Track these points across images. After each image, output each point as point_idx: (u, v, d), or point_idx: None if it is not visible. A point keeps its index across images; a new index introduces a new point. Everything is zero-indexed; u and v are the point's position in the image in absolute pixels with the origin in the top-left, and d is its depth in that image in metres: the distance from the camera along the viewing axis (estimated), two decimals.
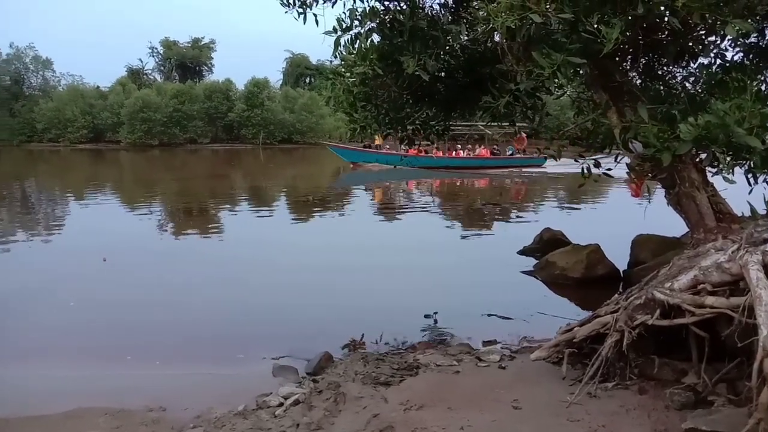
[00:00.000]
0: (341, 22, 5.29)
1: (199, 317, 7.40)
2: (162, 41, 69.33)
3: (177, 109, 56.44)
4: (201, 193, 22.10)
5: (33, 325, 6.99)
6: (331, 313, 7.52)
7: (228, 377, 5.40)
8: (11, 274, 9.57)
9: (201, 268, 10.07)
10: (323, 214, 16.85)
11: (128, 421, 4.25)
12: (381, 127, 7.06)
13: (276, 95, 62.43)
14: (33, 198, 21.48)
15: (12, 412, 4.49)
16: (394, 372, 4.99)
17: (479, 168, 30.45)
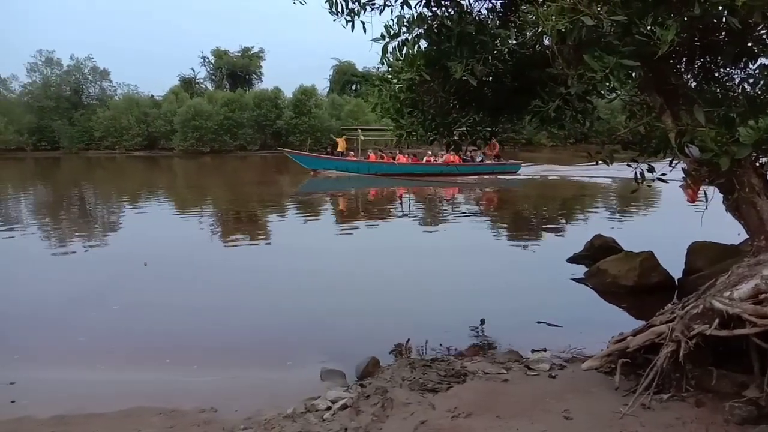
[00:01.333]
0: (389, 29, 5.31)
1: (246, 322, 7.55)
2: (213, 51, 71.17)
3: (227, 117, 57.77)
4: (249, 199, 22.51)
5: (83, 326, 7.27)
6: (377, 318, 7.56)
7: (276, 381, 5.47)
8: (67, 277, 10.05)
9: (247, 273, 10.24)
10: (368, 221, 16.92)
11: (181, 421, 4.35)
12: (427, 132, 7.06)
13: (323, 102, 63.27)
14: (90, 203, 22.31)
15: (69, 410, 4.66)
16: (442, 378, 4.96)
17: (447, 175, 28.55)
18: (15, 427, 4.33)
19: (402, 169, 28.70)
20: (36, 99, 59.23)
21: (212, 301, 8.52)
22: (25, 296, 8.70)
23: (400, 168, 28.83)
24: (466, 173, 28.69)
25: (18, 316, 7.69)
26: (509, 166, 29.11)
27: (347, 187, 26.04)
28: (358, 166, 29.14)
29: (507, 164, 29.16)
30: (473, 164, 29.00)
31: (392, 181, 27.11)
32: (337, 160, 30.04)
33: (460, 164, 28.64)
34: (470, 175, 28.52)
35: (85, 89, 62.60)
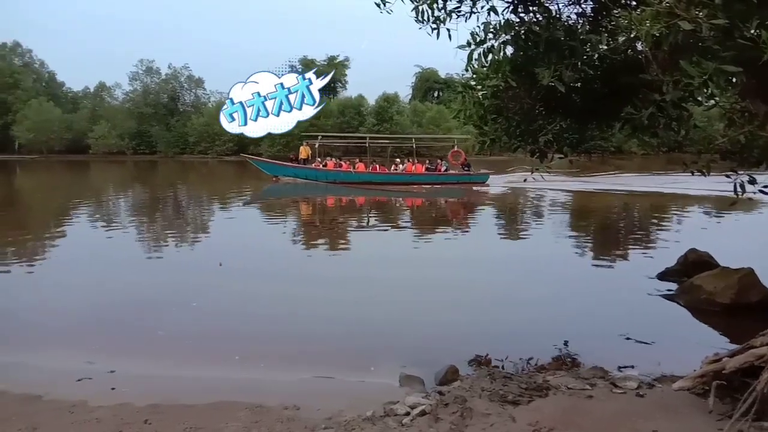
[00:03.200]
0: (475, 36, 5.29)
1: (321, 326, 7.66)
2: (301, 60, 73.29)
3: (312, 124, 59.11)
4: (329, 205, 22.98)
5: (167, 322, 7.67)
6: (455, 327, 7.50)
7: (356, 384, 5.55)
8: (155, 274, 10.72)
9: (324, 279, 10.41)
10: (446, 229, 16.86)
11: (266, 417, 4.50)
12: (511, 139, 6.95)
13: (405, 109, 63.74)
14: (184, 205, 23.50)
15: (162, 400, 4.93)
16: (523, 391, 4.87)
17: (409, 184, 28.00)
18: (116, 412, 4.63)
19: (360, 178, 28.43)
20: (136, 105, 63.22)
21: (290, 303, 8.74)
22: (117, 291, 9.27)
23: (358, 177, 28.54)
24: (428, 183, 28.26)
25: (109, 310, 8.21)
26: (476, 176, 28.52)
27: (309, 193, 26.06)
28: (316, 173, 29.08)
29: (473, 174, 28.64)
30: (437, 174, 28.70)
31: (350, 189, 26.83)
32: (296, 168, 30.20)
33: (422, 174, 28.61)
34: (433, 185, 28.02)
35: (181, 97, 66.16)
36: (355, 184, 27.76)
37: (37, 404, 4.85)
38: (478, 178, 28.30)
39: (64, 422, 4.45)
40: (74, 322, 7.67)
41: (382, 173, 28.99)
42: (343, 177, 28.50)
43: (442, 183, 28.33)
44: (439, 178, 28.53)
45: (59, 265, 11.51)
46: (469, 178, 28.35)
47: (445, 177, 28.65)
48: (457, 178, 28.43)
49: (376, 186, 27.37)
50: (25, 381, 5.43)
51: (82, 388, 5.30)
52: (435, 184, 28.10)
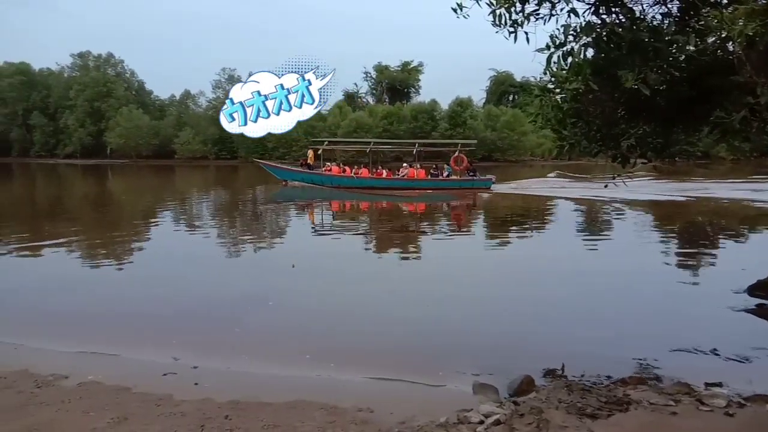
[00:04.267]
0: (554, 39, 5.19)
1: (395, 327, 7.75)
2: (375, 66, 74.20)
3: (386, 129, 59.82)
4: (402, 209, 23.07)
5: (245, 320, 7.97)
6: (530, 336, 7.38)
7: (428, 388, 5.55)
8: (236, 275, 11.07)
9: (395, 281, 10.55)
10: (522, 233, 16.56)
11: (340, 418, 4.58)
12: (591, 144, 6.76)
13: (478, 114, 63.18)
14: (260, 207, 24.25)
15: (242, 397, 5.10)
16: (602, 405, 4.70)
17: (412, 189, 27.76)
18: (199, 406, 4.85)
19: (363, 183, 28.67)
20: (218, 112, 65.66)
21: (359, 305, 8.92)
22: (198, 290, 9.73)
23: (361, 182, 28.76)
24: (430, 188, 28.27)
25: (191, 308, 8.63)
26: (480, 182, 28.32)
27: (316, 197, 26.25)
28: (321, 178, 29.57)
29: (476, 180, 28.49)
30: (439, 179, 28.81)
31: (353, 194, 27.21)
32: (303, 173, 30.66)
33: (424, 179, 28.73)
34: (436, 190, 28.01)
35: None
36: (359, 188, 28.22)
37: (127, 395, 5.14)
38: (482, 184, 28.21)
39: (152, 414, 4.68)
40: (160, 318, 8.08)
41: (385, 178, 29.15)
42: (346, 182, 28.95)
43: (444, 188, 28.39)
44: (440, 184, 28.69)
45: (146, 265, 12.14)
46: (471, 183, 28.28)
47: (448, 182, 28.75)
48: (459, 184, 28.38)
49: (378, 191, 27.65)
50: (117, 373, 5.76)
51: (168, 382, 5.57)
52: (437, 190, 28.19)
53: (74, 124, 70.94)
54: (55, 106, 74.10)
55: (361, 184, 28.55)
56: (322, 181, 29.36)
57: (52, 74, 77.75)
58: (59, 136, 73.77)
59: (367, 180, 28.83)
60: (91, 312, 8.39)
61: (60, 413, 4.71)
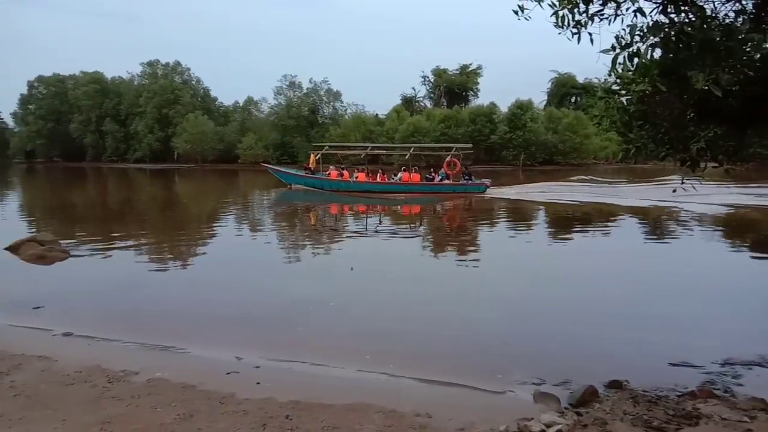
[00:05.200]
0: (620, 40, 5.06)
1: (454, 331, 7.74)
2: (433, 70, 74.02)
3: (443, 133, 59.58)
4: (458, 210, 22.91)
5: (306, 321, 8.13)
6: (591, 343, 7.21)
7: (488, 395, 5.49)
8: (296, 276, 11.30)
9: (452, 283, 10.64)
10: (584, 233, 16.15)
11: (399, 422, 4.58)
12: (658, 147, 6.54)
13: (539, 116, 62.02)
14: (320, 211, 24.62)
15: (303, 397, 5.19)
16: (670, 418, 4.53)
17: (407, 194, 28.19)
18: (261, 405, 4.96)
19: (360, 187, 29.52)
20: (280, 118, 67.30)
21: (417, 307, 8.98)
22: (260, 290, 10.00)
23: (357, 185, 29.66)
24: (425, 192, 28.80)
25: (253, 308, 8.87)
26: (473, 186, 28.65)
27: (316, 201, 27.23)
28: (321, 182, 30.76)
29: (469, 184, 28.91)
30: (432, 184, 29.35)
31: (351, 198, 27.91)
32: (305, 177, 31.75)
33: (417, 183, 29.32)
34: (428, 194, 28.49)
35: (320, 109, 69.56)
36: (356, 192, 29.06)
37: (193, 393, 5.31)
38: (475, 189, 28.53)
39: (216, 412, 4.83)
40: (224, 318, 8.33)
41: (380, 182, 29.97)
42: (344, 186, 29.92)
43: (437, 192, 28.89)
44: (433, 188, 29.28)
45: (210, 265, 12.56)
46: (465, 188, 28.73)
47: (440, 187, 29.27)
48: (452, 189, 28.89)
49: (374, 194, 28.36)
50: (183, 370, 5.97)
51: (231, 381, 5.73)
52: (429, 194, 28.71)
53: (143, 130, 74.00)
54: (126, 113, 77.49)
55: (357, 187, 29.55)
56: (322, 185, 30.56)
57: (124, 82, 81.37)
58: (130, 141, 77.10)
59: (363, 184, 29.79)
60: (158, 310, 8.77)
61: (130, 408, 4.92)
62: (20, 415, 4.66)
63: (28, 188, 41.82)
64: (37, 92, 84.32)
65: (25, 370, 5.86)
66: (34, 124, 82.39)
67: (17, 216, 23.31)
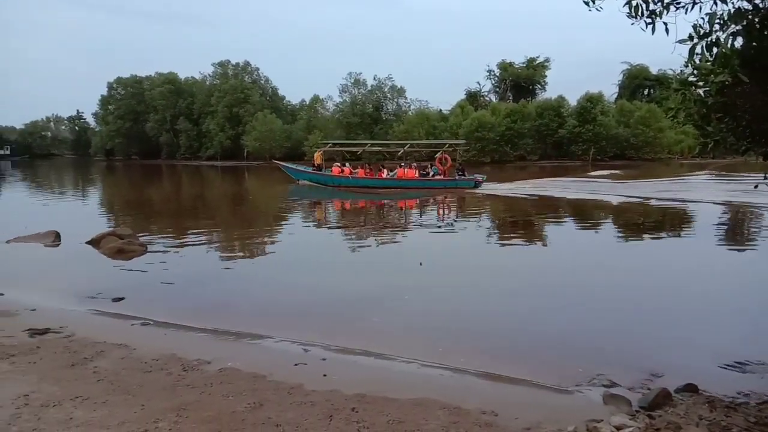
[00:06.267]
0: (698, 29, 4.84)
1: (521, 326, 7.77)
2: (499, 63, 72.93)
3: (509, 128, 58.65)
4: (525, 205, 22.50)
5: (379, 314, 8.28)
6: (668, 342, 6.93)
7: (556, 394, 5.40)
8: (366, 271, 11.52)
9: (520, 278, 10.62)
10: (658, 236, 15.54)
11: (464, 419, 4.56)
12: (739, 141, 6.22)
13: (610, 109, 60.05)
14: (385, 207, 24.78)
15: (369, 390, 5.25)
16: (751, 425, 4.31)
17: (403, 189, 29.50)
18: (327, 397, 5.06)
19: (358, 182, 30.91)
20: (345, 116, 68.08)
21: (491, 300, 9.13)
22: (329, 285, 10.16)
23: (356, 181, 30.97)
24: (420, 188, 29.84)
25: (323, 300, 9.02)
26: (463, 181, 29.58)
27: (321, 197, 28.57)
28: (324, 178, 32.50)
29: (459, 180, 29.86)
30: (425, 179, 30.41)
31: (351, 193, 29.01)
32: (311, 173, 33.60)
33: (412, 179, 30.37)
34: (425, 190, 29.42)
35: (384, 106, 69.83)
36: (355, 188, 30.40)
37: (263, 383, 5.48)
38: (465, 184, 29.42)
39: (285, 402, 4.96)
40: (293, 309, 8.62)
41: (378, 178, 31.05)
42: (344, 181, 31.25)
43: (429, 188, 29.81)
44: (426, 183, 30.33)
45: (280, 257, 12.94)
46: (455, 183, 29.70)
47: (432, 182, 30.36)
48: (443, 183, 29.99)
49: (372, 190, 29.63)
50: (253, 361, 6.17)
51: (299, 372, 5.87)
52: (422, 189, 29.72)
53: (215, 128, 76.55)
54: (198, 112, 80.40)
55: (356, 183, 30.99)
56: (325, 181, 32.29)
57: (196, 83, 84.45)
58: (202, 139, 79.96)
59: (361, 180, 31.21)
60: (230, 301, 9.11)
61: (204, 396, 5.13)
62: (104, 399, 4.95)
63: (108, 184, 44.13)
64: (116, 93, 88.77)
65: (107, 356, 6.20)
66: (113, 123, 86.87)
67: (98, 211, 24.65)
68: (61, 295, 9.31)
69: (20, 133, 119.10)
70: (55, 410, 4.65)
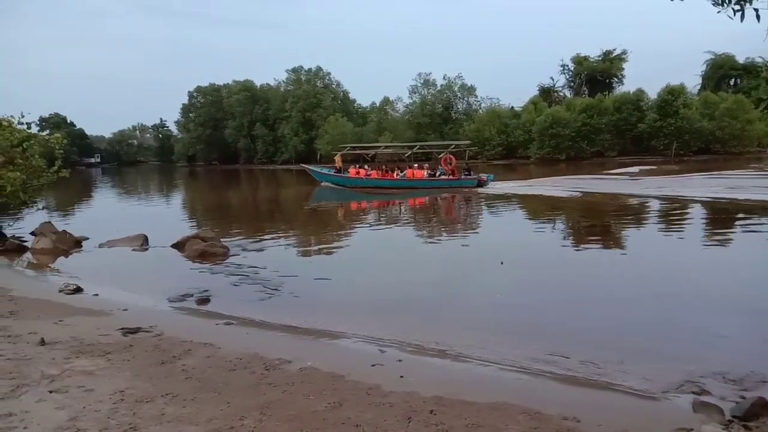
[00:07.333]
0: None
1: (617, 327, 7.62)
2: (573, 58, 71.00)
3: (585, 124, 56.99)
4: (602, 206, 21.76)
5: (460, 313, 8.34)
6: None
7: (641, 400, 5.19)
8: (446, 270, 11.46)
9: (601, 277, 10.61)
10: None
11: (545, 425, 4.45)
12: None
13: (693, 102, 57.16)
14: (461, 205, 24.69)
15: (446, 393, 5.22)
16: None
17: (413, 189, 30.96)
18: (406, 398, 5.08)
19: (371, 183, 32.74)
20: (415, 117, 68.21)
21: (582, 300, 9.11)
22: (403, 284, 10.23)
23: (369, 182, 32.81)
24: (426, 188, 31.06)
25: (399, 300, 9.09)
26: (467, 181, 31.01)
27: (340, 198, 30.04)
28: (342, 179, 34.32)
29: (463, 179, 31.24)
30: (432, 179, 31.95)
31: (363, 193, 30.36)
32: (330, 175, 35.80)
33: (420, 179, 32.02)
34: (431, 189, 30.62)
35: (454, 105, 69.45)
36: (369, 188, 32.10)
37: (342, 383, 5.57)
38: (468, 183, 30.78)
39: (363, 402, 5.02)
40: (372, 309, 8.80)
41: (389, 179, 32.78)
42: (359, 183, 33.17)
43: (435, 187, 31.10)
44: (431, 183, 31.78)
45: (353, 257, 13.32)
46: (459, 183, 30.96)
47: (438, 182, 31.75)
48: (448, 183, 31.31)
49: (385, 190, 31.27)
50: (332, 360, 6.27)
51: (376, 372, 5.92)
52: (428, 188, 31.03)
53: (290, 133, 78.59)
54: (274, 118, 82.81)
55: (369, 184, 32.83)
56: (343, 182, 34.21)
57: (271, 89, 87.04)
58: (277, 144, 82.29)
59: (374, 180, 33.07)
60: (309, 302, 9.38)
61: (286, 394, 5.26)
62: (192, 396, 5.17)
63: (190, 189, 46.18)
64: (196, 101, 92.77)
65: (194, 355, 6.48)
66: (194, 130, 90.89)
67: (181, 214, 25.85)
68: (150, 295, 9.81)
69: (109, 142, 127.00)
70: (148, 406, 4.91)
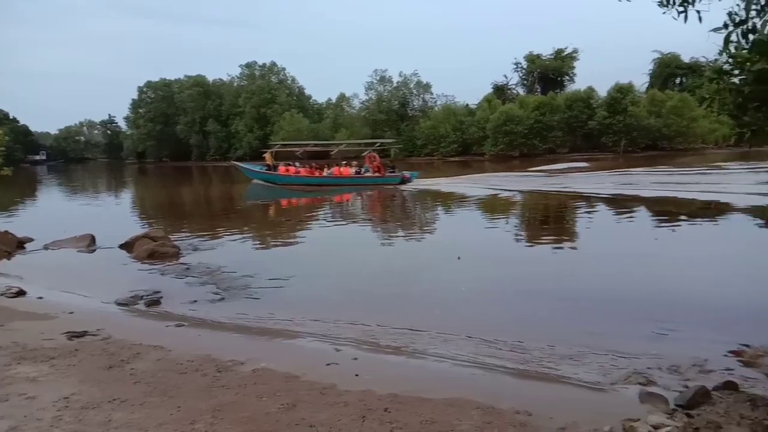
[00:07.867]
0: (733, 16, 4.70)
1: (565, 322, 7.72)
2: (526, 56, 72.15)
3: (538, 121, 58.11)
4: (559, 199, 22.24)
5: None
6: (716, 344, 6.75)
7: (591, 392, 5.31)
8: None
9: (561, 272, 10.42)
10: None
11: (498, 419, 4.51)
12: None
13: (640, 100, 58.96)
14: (410, 203, 24.81)
15: (402, 390, 5.22)
16: None
17: (338, 186, 31.65)
18: (360, 397, 5.05)
19: (301, 181, 33.18)
20: (371, 113, 68.21)
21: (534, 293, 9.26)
22: (369, 281, 10.19)
23: (298, 179, 33.22)
24: (351, 185, 31.51)
25: (359, 296, 9.07)
26: (389, 178, 31.90)
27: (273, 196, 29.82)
28: (273, 177, 34.69)
29: (386, 176, 32.08)
30: (357, 177, 32.37)
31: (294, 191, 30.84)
32: (261, 173, 36.05)
33: (346, 177, 32.47)
34: (356, 186, 31.10)
35: (410, 102, 69.68)
36: (297, 186, 32.64)
37: (296, 383, 5.50)
38: (391, 180, 31.73)
39: (318, 403, 4.98)
40: (326, 306, 8.70)
41: (316, 176, 33.32)
42: (289, 180, 33.49)
43: (360, 185, 31.54)
44: (356, 180, 32.20)
45: (306, 255, 13.20)
46: (384, 180, 31.80)
47: (362, 179, 32.20)
48: (373, 180, 31.89)
49: (313, 187, 31.83)
50: (286, 361, 6.19)
51: (331, 372, 5.87)
52: (353, 185, 31.45)
53: (243, 129, 77.39)
54: (227, 114, 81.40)
55: (299, 181, 33.22)
56: (274, 180, 34.46)
57: (224, 84, 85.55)
58: (231, 140, 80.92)
59: (303, 178, 33.45)
60: (266, 301, 9.28)
61: (238, 396, 5.17)
62: (142, 401, 5.03)
63: (140, 187, 45.04)
64: (146, 97, 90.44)
65: (144, 358, 6.30)
66: (144, 126, 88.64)
67: (130, 213, 25.17)
68: (97, 298, 9.49)
69: (55, 139, 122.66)
70: (95, 412, 4.74)
